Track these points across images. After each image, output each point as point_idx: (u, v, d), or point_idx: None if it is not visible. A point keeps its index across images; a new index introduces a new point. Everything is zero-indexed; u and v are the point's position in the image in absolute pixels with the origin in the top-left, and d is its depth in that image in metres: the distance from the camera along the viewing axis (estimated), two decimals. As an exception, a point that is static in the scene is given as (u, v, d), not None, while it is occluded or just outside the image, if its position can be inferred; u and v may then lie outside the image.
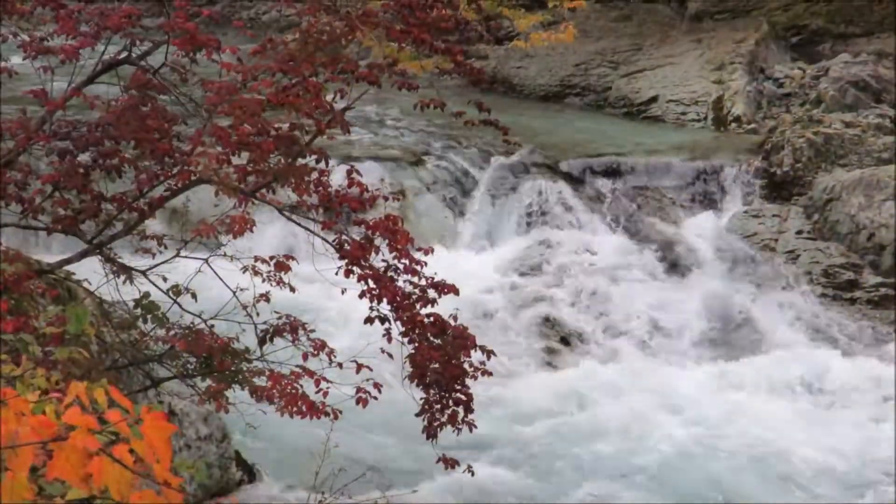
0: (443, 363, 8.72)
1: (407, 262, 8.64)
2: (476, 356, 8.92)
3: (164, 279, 8.85)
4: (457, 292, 8.86)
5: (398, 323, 8.68)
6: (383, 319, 8.70)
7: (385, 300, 8.58)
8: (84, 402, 2.53)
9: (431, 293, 8.71)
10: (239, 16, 18.51)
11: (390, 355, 8.82)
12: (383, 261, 8.65)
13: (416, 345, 8.68)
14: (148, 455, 2.42)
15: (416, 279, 8.68)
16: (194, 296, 8.88)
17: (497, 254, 15.35)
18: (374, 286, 8.55)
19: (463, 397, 8.87)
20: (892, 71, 19.42)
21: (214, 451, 9.84)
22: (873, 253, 15.24)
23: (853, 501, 10.68)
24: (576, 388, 12.80)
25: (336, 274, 8.67)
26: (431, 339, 8.72)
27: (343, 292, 8.86)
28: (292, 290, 8.88)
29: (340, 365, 8.76)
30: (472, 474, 9.39)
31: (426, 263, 8.78)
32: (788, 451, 11.54)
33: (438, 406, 8.86)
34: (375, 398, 8.79)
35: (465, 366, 8.84)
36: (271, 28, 10.70)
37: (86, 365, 6.99)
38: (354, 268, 8.56)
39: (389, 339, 8.75)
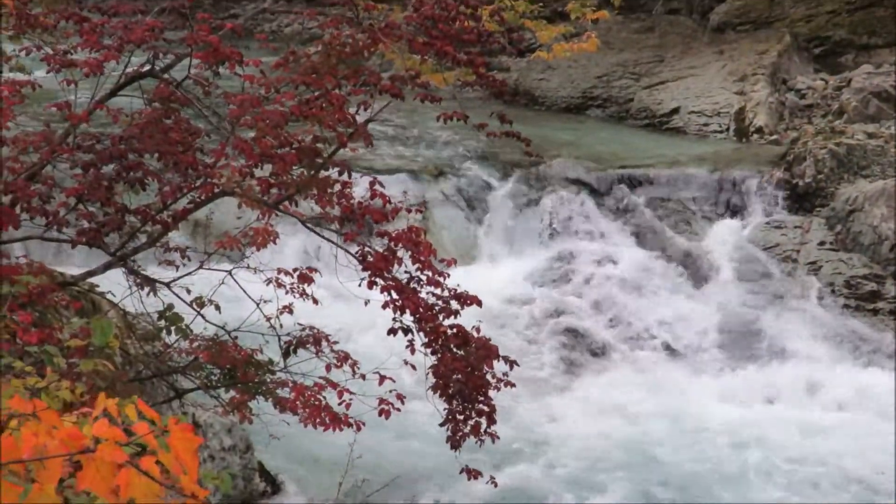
0: (466, 374, 8.74)
1: (430, 273, 8.67)
2: (499, 367, 8.94)
3: (188, 291, 8.90)
4: (479, 304, 8.89)
5: (421, 334, 8.71)
6: (406, 330, 8.73)
7: (408, 311, 8.60)
8: (113, 413, 2.55)
9: (454, 304, 8.74)
10: (261, 29, 18.49)
11: (413, 367, 8.84)
12: (406, 272, 8.67)
13: (440, 356, 8.70)
14: (175, 467, 2.43)
15: (438, 290, 8.70)
16: (218, 307, 8.92)
17: (519, 265, 15.37)
18: (397, 297, 8.57)
19: (486, 408, 8.89)
20: (915, 83, 19.42)
21: (238, 461, 9.86)
22: (894, 264, 15.23)
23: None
24: (599, 399, 12.82)
25: (359, 285, 8.71)
26: (454, 350, 8.74)
27: (366, 304, 8.88)
28: (315, 301, 8.91)
29: (364, 376, 8.79)
30: (496, 485, 9.41)
31: (449, 275, 8.82)
32: (820, 457, 11.55)
33: (461, 417, 8.89)
34: (398, 409, 8.83)
35: (488, 377, 8.86)
36: (294, 40, 10.77)
37: (110, 377, 7.02)
38: (377, 279, 8.59)
39: (412, 350, 8.78)
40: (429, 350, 8.75)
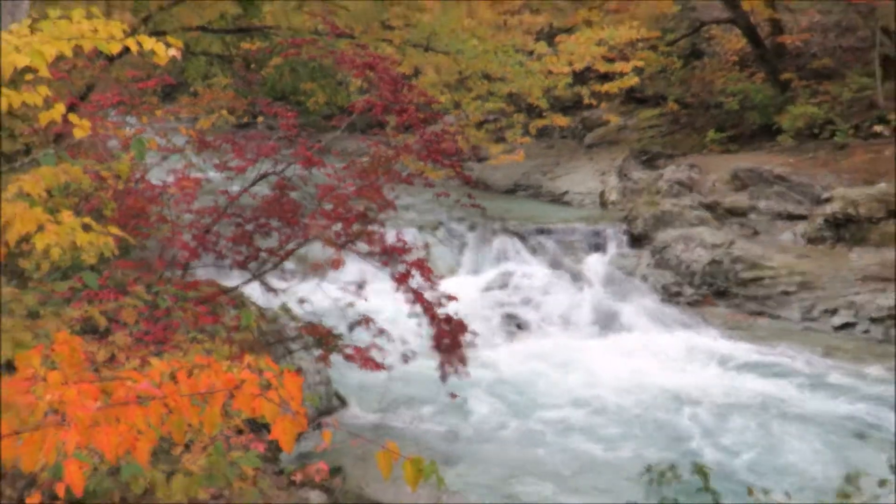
0: (450, 339, 8.77)
1: (430, 283, 8.69)
2: (469, 336, 8.96)
3: (295, 294, 8.89)
4: (457, 300, 8.90)
5: (425, 318, 8.72)
6: (417, 315, 8.74)
7: (418, 305, 8.61)
8: (252, 365, 2.52)
9: (444, 301, 8.76)
10: (335, 147, 18.56)
11: (421, 336, 8.86)
12: (417, 283, 8.68)
13: (436, 329, 8.70)
14: (287, 396, 2.41)
15: (435, 293, 8.71)
16: (311, 303, 8.91)
17: (480, 279, 15.35)
18: (412, 297, 8.58)
19: (461, 358, 8.91)
20: (699, 175, 19.44)
21: (323, 389, 9.84)
22: (689, 276, 15.24)
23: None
24: (525, 353, 12.81)
25: (391, 290, 8.73)
26: (444, 326, 8.74)
27: (395, 301, 8.89)
28: (366, 300, 8.90)
29: (393, 341, 8.80)
30: (466, 401, 9.39)
31: (440, 284, 8.83)
32: (646, 384, 11.54)
33: (448, 363, 8.88)
34: (413, 359, 8.85)
35: (462, 340, 8.86)
36: (353, 154, 10.80)
37: (251, 342, 6.99)
38: (401, 287, 8.59)
39: (420, 326, 8.80)
40: (430, 326, 8.76)
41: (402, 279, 8.59)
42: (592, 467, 9.18)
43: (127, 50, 3.17)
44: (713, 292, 15.02)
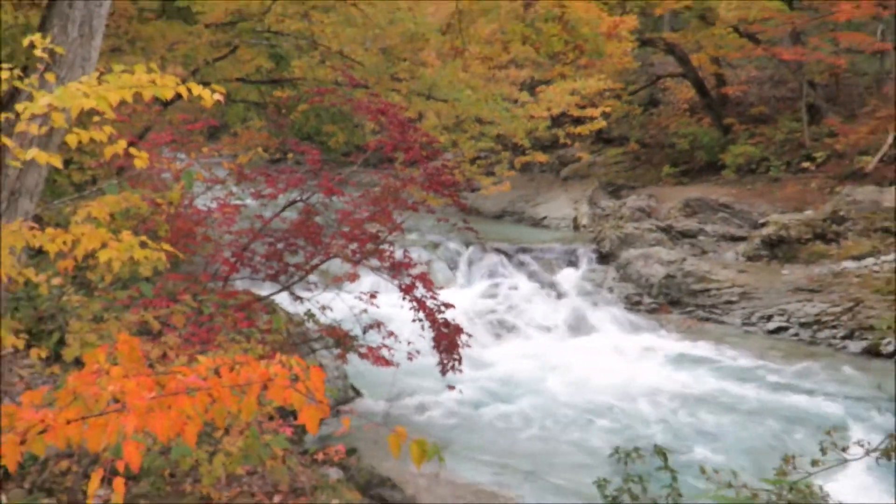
0: (448, 340, 8.72)
1: (431, 293, 8.66)
2: (464, 338, 8.92)
3: (318, 302, 8.85)
4: (454, 307, 8.87)
5: (427, 322, 8.69)
6: (420, 320, 8.70)
7: (421, 311, 8.58)
8: (283, 361, 2.50)
9: (443, 308, 8.73)
10: (353, 179, 18.60)
11: (423, 338, 8.81)
12: (420, 293, 8.66)
13: (436, 332, 8.67)
14: (312, 388, 2.39)
15: (435, 301, 8.69)
16: (331, 310, 8.87)
17: (472, 290, 15.32)
18: (416, 305, 8.56)
19: (457, 356, 8.85)
20: (657, 204, 19.46)
21: (341, 383, 9.78)
22: (648, 288, 15.22)
23: None
24: (511, 352, 12.76)
25: (398, 299, 8.69)
26: (443, 329, 8.71)
27: (401, 307, 8.85)
28: (377, 307, 8.87)
29: (400, 342, 8.75)
30: (462, 393, 9.34)
31: (440, 294, 8.80)
32: (613, 379, 11.47)
33: (446, 361, 8.85)
34: (417, 356, 8.78)
35: (458, 341, 8.83)
36: (367, 185, 10.75)
37: (280, 342, 6.96)
38: (407, 296, 8.57)
39: (423, 329, 8.76)
40: (431, 330, 8.72)
41: (407, 290, 8.57)
42: (568, 449, 9.13)
43: (178, 97, 3.17)
44: (668, 301, 15.00)
